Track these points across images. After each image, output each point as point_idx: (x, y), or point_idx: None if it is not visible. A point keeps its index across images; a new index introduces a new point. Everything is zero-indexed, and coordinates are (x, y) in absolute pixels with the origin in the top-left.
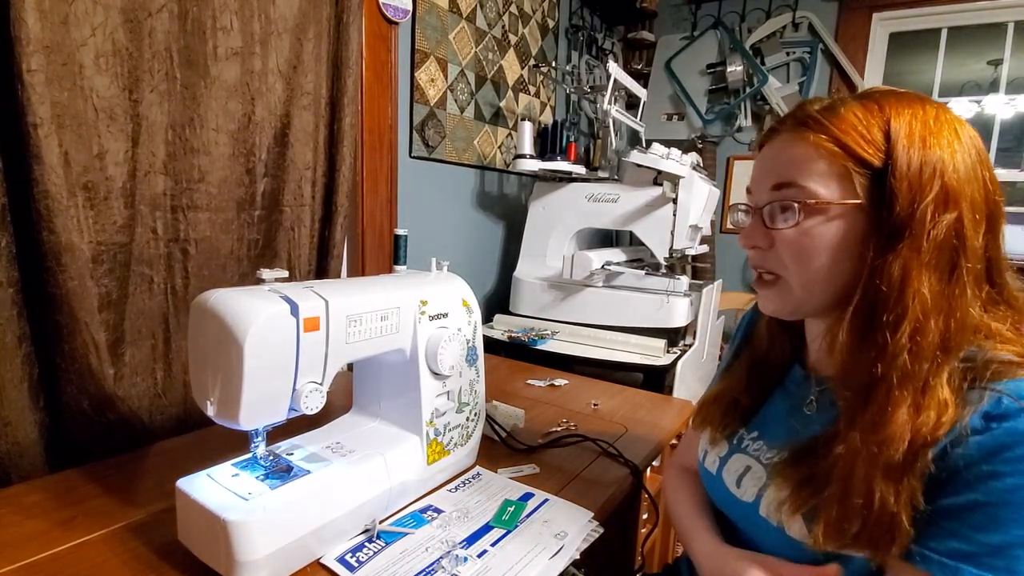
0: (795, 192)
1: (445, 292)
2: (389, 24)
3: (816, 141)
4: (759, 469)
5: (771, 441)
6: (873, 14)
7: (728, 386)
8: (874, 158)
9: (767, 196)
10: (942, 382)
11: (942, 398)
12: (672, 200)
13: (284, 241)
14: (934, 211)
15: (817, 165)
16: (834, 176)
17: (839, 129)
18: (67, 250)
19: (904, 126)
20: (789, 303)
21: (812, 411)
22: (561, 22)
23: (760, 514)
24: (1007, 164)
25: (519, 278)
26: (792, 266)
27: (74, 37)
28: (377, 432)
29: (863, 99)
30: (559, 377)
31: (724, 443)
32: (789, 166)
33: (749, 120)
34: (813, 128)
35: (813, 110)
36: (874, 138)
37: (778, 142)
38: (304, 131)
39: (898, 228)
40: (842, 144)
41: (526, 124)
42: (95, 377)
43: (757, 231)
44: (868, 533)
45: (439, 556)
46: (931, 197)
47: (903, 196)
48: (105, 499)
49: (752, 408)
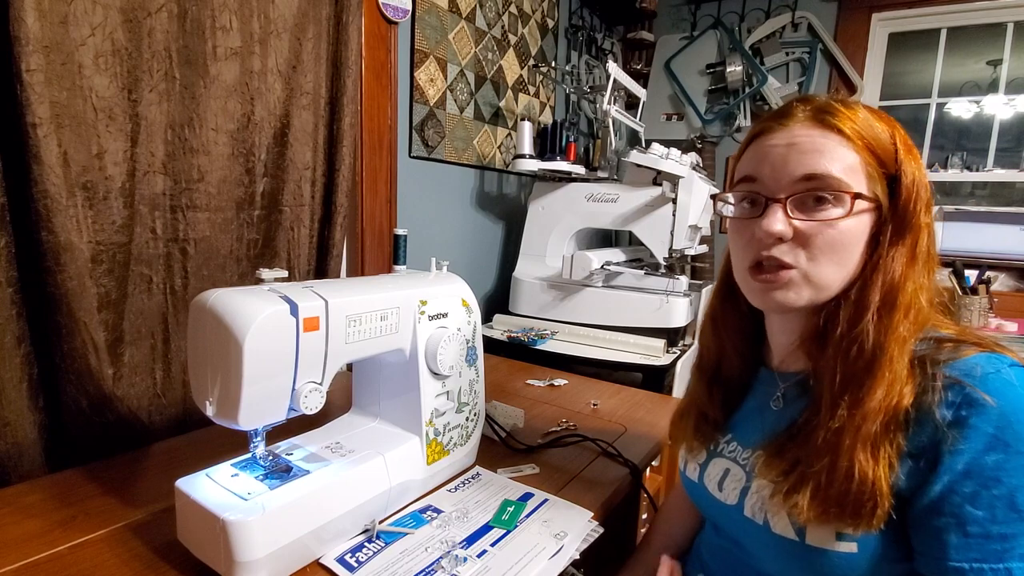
0: (834, 184)
1: (445, 292)
2: (388, 24)
3: (846, 132)
4: (738, 471)
5: (744, 442)
6: (872, 14)
7: (692, 400)
8: (889, 162)
9: (794, 186)
10: (904, 358)
11: (901, 372)
12: (671, 200)
13: (283, 241)
14: (923, 214)
15: (847, 158)
16: (862, 172)
17: (862, 125)
18: (66, 250)
19: (901, 136)
20: (804, 296)
21: (779, 406)
22: (561, 22)
23: (744, 515)
24: (1007, 164)
25: (518, 278)
26: (820, 258)
27: (73, 37)
28: (377, 432)
29: (864, 106)
30: (558, 377)
31: (702, 451)
32: (821, 156)
33: (748, 120)
34: (839, 119)
35: (831, 101)
36: (887, 142)
37: (799, 129)
38: (303, 131)
39: (903, 228)
40: (866, 142)
41: (526, 124)
42: (94, 377)
43: (782, 221)
44: (852, 501)
45: (439, 556)
46: (923, 202)
47: (909, 200)
48: (104, 499)
49: (723, 420)
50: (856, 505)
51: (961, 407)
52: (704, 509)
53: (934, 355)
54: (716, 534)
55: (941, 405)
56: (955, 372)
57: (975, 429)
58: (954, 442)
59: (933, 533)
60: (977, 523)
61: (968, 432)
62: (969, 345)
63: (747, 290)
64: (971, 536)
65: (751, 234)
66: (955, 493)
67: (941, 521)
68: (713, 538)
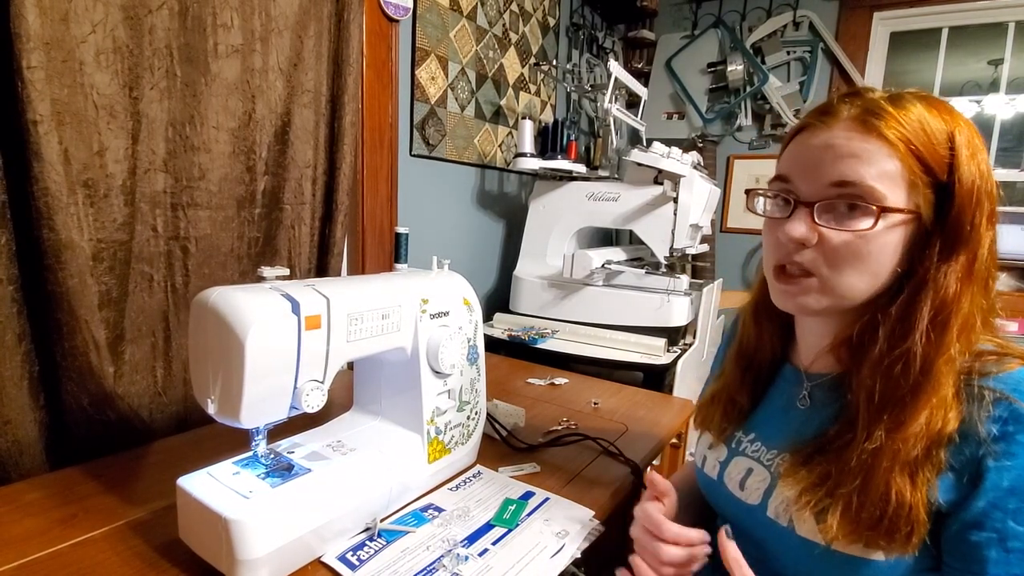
0: (865, 192)
1: (446, 290)
2: (390, 22)
3: (889, 138)
4: (762, 471)
5: (768, 441)
6: (874, 13)
7: (724, 385)
8: (941, 168)
9: (825, 191)
10: (950, 379)
11: (948, 394)
12: (672, 199)
13: (284, 239)
14: (985, 227)
15: (886, 165)
16: (902, 181)
17: (911, 129)
18: (67, 247)
19: (964, 137)
20: (823, 302)
21: (805, 406)
22: (562, 20)
23: (768, 515)
24: (1007, 164)
25: (519, 277)
26: (843, 267)
27: (74, 34)
28: (378, 431)
29: (923, 99)
30: (559, 376)
31: (722, 447)
32: (857, 162)
33: (749, 119)
34: (884, 122)
35: (880, 100)
36: (941, 146)
37: (839, 130)
38: (305, 129)
39: (956, 241)
40: (913, 148)
41: (526, 123)
42: (95, 375)
43: (807, 226)
44: (886, 525)
45: (440, 555)
46: (984, 213)
47: (965, 211)
48: (105, 497)
49: (749, 408)
50: (891, 530)
51: (1008, 422)
52: (722, 508)
53: (979, 367)
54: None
55: (987, 420)
56: (1001, 386)
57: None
58: (1000, 458)
59: (971, 547)
60: (1019, 538)
61: (1016, 448)
62: (1013, 358)
63: (772, 290)
64: (1012, 551)
65: (777, 236)
66: (998, 509)
67: (982, 536)
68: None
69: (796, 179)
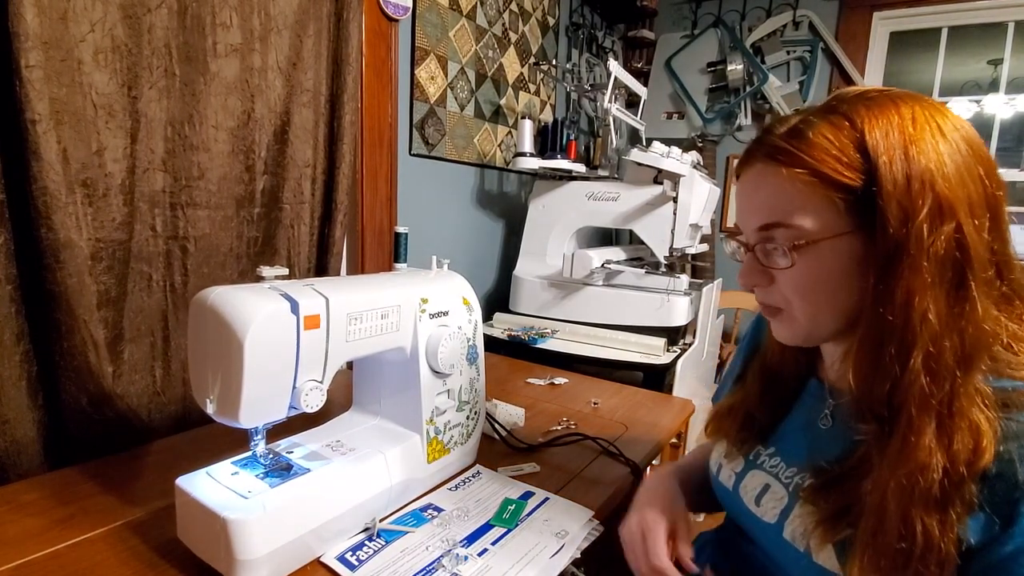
0: (782, 233)
1: (445, 290)
2: (389, 21)
3: (790, 175)
4: (779, 489)
5: (789, 458)
6: (874, 13)
7: (743, 398)
8: (855, 181)
9: (755, 236)
10: (971, 403)
11: (974, 420)
12: (672, 199)
13: (284, 239)
14: (930, 226)
15: (797, 199)
16: (818, 208)
17: (811, 157)
18: (66, 247)
19: (881, 139)
20: (800, 333)
21: (827, 425)
22: (561, 20)
23: (784, 536)
24: (1007, 164)
25: (519, 276)
26: (796, 301)
27: (73, 33)
28: (377, 430)
29: (829, 113)
30: (559, 376)
31: (739, 458)
32: (770, 205)
33: (749, 119)
34: (783, 161)
35: (779, 138)
36: (851, 159)
37: (752, 173)
38: (304, 128)
39: (894, 250)
40: (818, 173)
41: (526, 122)
42: (94, 375)
43: (755, 271)
44: (915, 568)
45: (439, 555)
46: (924, 212)
47: (894, 216)
48: (104, 497)
49: (768, 424)
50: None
51: None
52: (736, 518)
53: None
54: (745, 541)
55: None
56: None
57: None
58: None
59: None
60: None
61: None
62: None
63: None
64: None
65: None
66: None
67: None
68: (741, 544)
69: (739, 226)
